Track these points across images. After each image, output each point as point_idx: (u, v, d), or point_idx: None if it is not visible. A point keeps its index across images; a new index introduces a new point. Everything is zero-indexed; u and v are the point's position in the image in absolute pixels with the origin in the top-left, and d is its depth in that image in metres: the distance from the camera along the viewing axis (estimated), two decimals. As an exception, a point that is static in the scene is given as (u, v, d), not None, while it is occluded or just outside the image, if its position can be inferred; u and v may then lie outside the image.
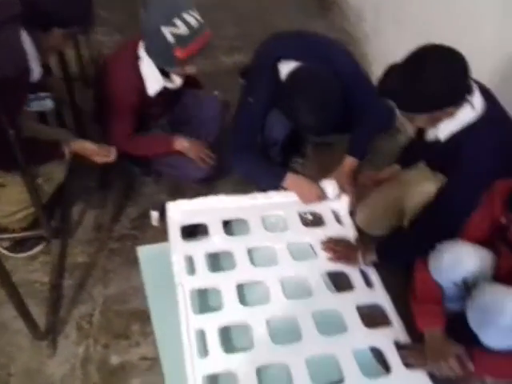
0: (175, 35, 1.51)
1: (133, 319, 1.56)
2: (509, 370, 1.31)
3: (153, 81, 1.69)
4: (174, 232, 1.66)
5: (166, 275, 1.61)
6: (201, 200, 1.77)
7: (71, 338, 1.49)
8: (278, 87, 1.77)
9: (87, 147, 1.62)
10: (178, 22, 1.50)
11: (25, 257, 1.68)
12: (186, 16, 1.52)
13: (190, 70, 1.67)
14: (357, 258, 1.65)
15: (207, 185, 1.97)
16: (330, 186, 1.85)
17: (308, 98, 1.67)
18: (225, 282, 1.54)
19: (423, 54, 1.36)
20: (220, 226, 1.71)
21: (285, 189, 1.83)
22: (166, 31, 1.51)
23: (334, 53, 1.83)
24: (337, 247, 1.71)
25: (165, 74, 1.72)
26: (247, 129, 1.80)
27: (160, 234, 1.82)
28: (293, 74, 1.72)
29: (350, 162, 1.89)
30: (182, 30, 1.51)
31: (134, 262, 1.72)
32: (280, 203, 1.83)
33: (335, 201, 1.86)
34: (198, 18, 1.55)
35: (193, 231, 1.75)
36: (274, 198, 1.84)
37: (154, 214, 1.85)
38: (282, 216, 1.81)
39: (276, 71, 1.78)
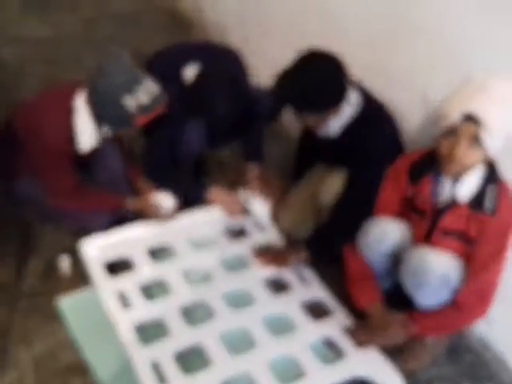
0: (138, 105, 1.58)
1: (71, 374, 1.55)
2: (444, 324, 1.58)
3: (87, 136, 1.71)
4: (96, 270, 1.68)
5: (95, 321, 1.64)
6: (118, 232, 1.81)
7: (6, 410, 1.42)
8: (185, 91, 1.92)
9: None
10: (140, 91, 1.58)
11: None
12: (146, 83, 1.60)
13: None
14: (288, 260, 1.85)
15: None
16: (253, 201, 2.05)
17: (223, 87, 1.87)
18: (166, 310, 1.61)
19: (307, 60, 1.66)
20: (146, 256, 1.78)
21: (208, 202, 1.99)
22: (129, 101, 1.57)
23: (224, 54, 2.10)
24: (267, 253, 1.89)
25: None
26: (167, 141, 1.91)
27: (74, 281, 1.82)
28: (203, 73, 1.91)
29: (254, 169, 2.12)
30: (145, 99, 1.59)
31: (53, 316, 1.70)
32: (202, 220, 1.96)
33: (256, 209, 2.05)
34: (155, 84, 1.64)
35: (112, 268, 1.77)
36: (194, 216, 1.96)
37: (65, 261, 1.83)
38: (207, 233, 1.93)
39: (179, 78, 1.94)
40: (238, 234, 2.01)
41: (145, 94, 1.60)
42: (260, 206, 2.07)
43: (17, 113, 1.77)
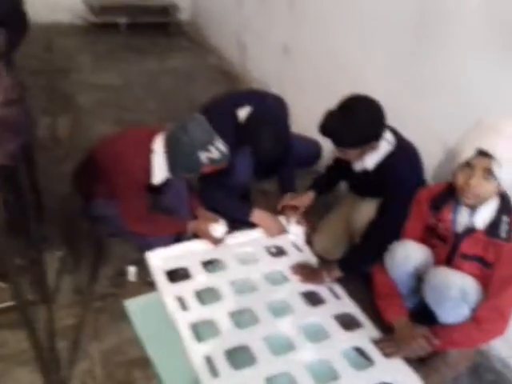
0: (209, 158, 1.79)
1: (133, 367, 1.63)
2: (464, 338, 1.60)
3: (160, 173, 1.88)
4: (159, 277, 1.80)
5: (157, 321, 1.73)
6: (177, 246, 1.93)
7: (79, 394, 1.52)
8: (238, 128, 2.08)
9: None
10: (212, 149, 1.78)
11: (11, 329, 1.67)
12: (217, 143, 1.79)
13: None
14: (322, 277, 1.92)
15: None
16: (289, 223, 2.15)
17: (268, 125, 2.03)
18: (217, 313, 1.70)
19: (353, 101, 1.77)
20: (200, 267, 1.88)
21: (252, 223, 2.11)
22: (202, 155, 1.77)
23: (269, 100, 2.24)
24: (304, 270, 1.96)
25: None
26: (221, 172, 2.03)
27: (137, 288, 1.94)
28: (254, 114, 2.07)
29: (288, 199, 2.22)
30: (215, 154, 1.79)
31: (120, 316, 1.80)
32: (246, 241, 2.07)
33: (292, 233, 2.14)
34: (224, 145, 1.83)
35: (172, 276, 1.88)
36: (239, 237, 2.07)
37: (132, 270, 1.95)
38: (251, 251, 2.03)
39: (234, 117, 2.10)
40: (277, 253, 2.10)
41: (216, 151, 1.80)
42: (296, 230, 2.17)
43: (99, 146, 1.96)
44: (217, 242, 2.02)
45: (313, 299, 1.88)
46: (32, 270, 1.80)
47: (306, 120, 2.49)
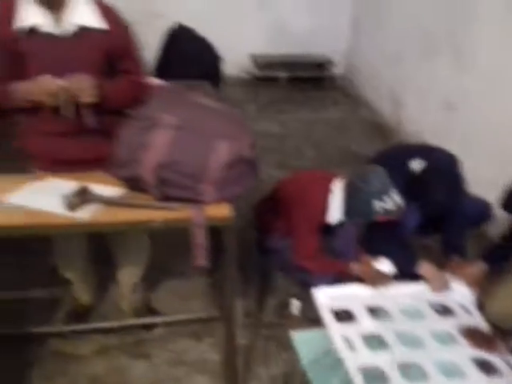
0: (384, 208, 1.87)
1: (300, 398, 1.66)
2: None
3: (335, 213, 1.98)
4: (326, 314, 1.84)
5: (321, 357, 1.74)
6: (342, 287, 1.96)
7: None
8: (411, 180, 2.10)
9: None
10: (387, 200, 1.86)
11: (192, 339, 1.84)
12: (393, 195, 1.88)
13: None
14: (497, 346, 1.77)
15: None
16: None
17: (445, 179, 2.06)
18: (385, 361, 1.66)
19: None
20: (365, 311, 1.88)
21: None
22: (377, 204, 1.86)
23: (442, 155, 2.24)
24: (476, 335, 1.83)
25: None
26: None
27: (299, 322, 1.97)
28: (430, 166, 2.10)
29: (454, 260, 2.17)
30: (390, 205, 1.87)
31: (286, 346, 1.87)
32: (409, 293, 2.01)
33: (458, 292, 2.04)
34: (399, 197, 1.90)
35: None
36: (402, 288, 2.03)
37: (295, 303, 2.02)
38: (414, 305, 1.97)
39: (406, 169, 2.14)
40: (444, 311, 1.99)
41: (391, 202, 1.86)
42: (462, 290, 2.05)
43: (280, 185, 2.13)
44: (381, 280, 1.99)
45: (486, 368, 1.73)
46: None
47: (472, 180, 2.39)
